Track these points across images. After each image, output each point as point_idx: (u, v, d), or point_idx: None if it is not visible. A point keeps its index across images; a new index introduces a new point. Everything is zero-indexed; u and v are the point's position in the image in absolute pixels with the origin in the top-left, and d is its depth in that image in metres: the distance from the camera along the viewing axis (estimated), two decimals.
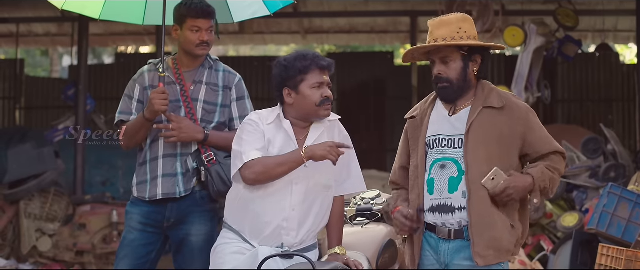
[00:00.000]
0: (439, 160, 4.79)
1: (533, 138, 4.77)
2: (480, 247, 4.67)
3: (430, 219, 4.80)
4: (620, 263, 6.86)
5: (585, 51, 16.33)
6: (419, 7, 14.12)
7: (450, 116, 4.83)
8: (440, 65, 4.81)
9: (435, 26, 4.82)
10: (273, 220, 4.79)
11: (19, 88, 17.28)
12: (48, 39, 17.19)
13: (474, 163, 4.69)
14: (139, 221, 5.60)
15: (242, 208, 4.86)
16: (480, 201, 4.68)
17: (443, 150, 4.79)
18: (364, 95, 16.62)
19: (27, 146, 11.62)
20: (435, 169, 4.79)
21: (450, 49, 4.78)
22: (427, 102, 4.98)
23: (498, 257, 4.69)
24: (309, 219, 4.85)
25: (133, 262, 5.58)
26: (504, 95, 4.84)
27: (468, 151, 4.71)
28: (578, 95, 16.14)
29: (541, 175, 4.72)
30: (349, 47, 21.10)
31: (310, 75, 4.82)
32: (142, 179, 5.62)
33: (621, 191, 8.17)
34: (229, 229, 4.92)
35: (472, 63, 4.81)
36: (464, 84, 4.80)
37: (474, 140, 4.72)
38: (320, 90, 4.83)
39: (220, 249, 4.91)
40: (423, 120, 4.90)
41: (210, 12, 5.58)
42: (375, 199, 5.51)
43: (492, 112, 4.76)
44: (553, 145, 4.82)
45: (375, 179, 12.19)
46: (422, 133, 4.87)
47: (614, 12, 13.86)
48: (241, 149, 4.81)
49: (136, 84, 5.67)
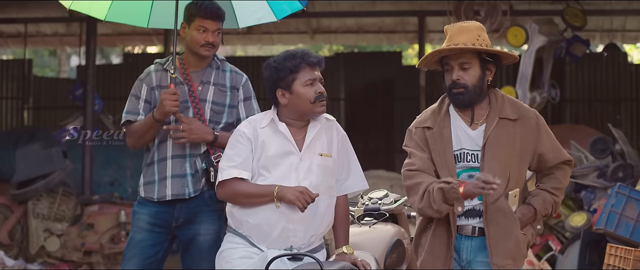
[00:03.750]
0: (466, 171, 4.82)
1: (544, 150, 4.84)
2: (498, 258, 4.73)
3: (459, 222, 4.84)
4: (628, 263, 6.86)
5: (593, 51, 16.30)
6: (426, 7, 14.10)
7: (472, 130, 4.84)
8: (459, 71, 4.81)
9: (454, 32, 4.81)
10: (279, 223, 4.79)
11: (27, 88, 17.29)
12: (56, 39, 17.20)
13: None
14: (147, 221, 5.60)
15: (247, 212, 4.84)
16: (496, 212, 4.73)
17: (469, 164, 4.82)
18: (371, 95, 16.60)
19: (35, 146, 11.63)
20: (464, 178, 4.79)
21: (471, 54, 4.79)
22: (441, 113, 4.92)
23: (515, 264, 4.77)
24: (315, 220, 4.85)
25: (140, 262, 5.58)
26: (516, 106, 4.88)
27: (485, 164, 4.74)
28: (586, 95, 16.11)
29: (542, 203, 4.86)
30: (356, 47, 21.09)
31: (301, 73, 4.82)
32: (150, 180, 5.62)
33: (629, 191, 8.15)
34: (234, 233, 4.91)
35: (488, 71, 4.83)
36: (480, 91, 4.82)
37: (490, 153, 4.76)
38: (314, 87, 4.83)
39: (227, 253, 4.90)
40: (443, 133, 4.86)
41: (220, 14, 5.58)
42: (383, 198, 5.51)
43: (508, 123, 4.79)
44: (562, 156, 4.90)
45: (383, 179, 12.17)
46: (448, 147, 4.83)
47: (622, 12, 13.82)
48: (222, 163, 4.91)
49: (143, 84, 5.66)
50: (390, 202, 5.48)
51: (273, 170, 4.83)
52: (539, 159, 4.85)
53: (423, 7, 14.20)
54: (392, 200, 5.50)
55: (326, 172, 4.92)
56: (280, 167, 4.84)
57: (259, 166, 4.85)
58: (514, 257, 4.75)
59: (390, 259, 5.15)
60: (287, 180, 4.80)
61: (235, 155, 4.85)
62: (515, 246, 4.74)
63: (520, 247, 4.77)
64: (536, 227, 4.88)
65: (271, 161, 4.84)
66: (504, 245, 4.73)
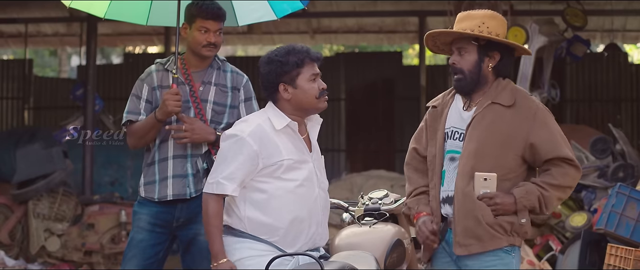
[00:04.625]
0: (450, 152, 4.86)
1: (536, 140, 4.74)
2: (459, 236, 4.74)
3: (442, 211, 4.88)
4: (628, 263, 6.86)
5: (593, 51, 16.31)
6: (427, 7, 14.10)
7: (464, 110, 4.87)
8: (456, 55, 4.87)
9: (460, 19, 4.88)
10: (311, 228, 4.73)
11: (28, 88, 17.29)
12: (56, 39, 17.21)
13: (465, 156, 4.76)
14: (148, 221, 5.60)
15: (274, 217, 4.67)
16: (462, 192, 4.73)
17: (454, 143, 4.86)
18: (372, 95, 16.61)
19: (36, 146, 11.62)
20: (446, 161, 4.87)
21: (466, 40, 4.82)
22: (449, 93, 5.01)
23: (481, 246, 4.73)
24: (327, 221, 4.87)
25: (141, 262, 5.59)
26: (518, 94, 4.85)
27: (464, 144, 4.78)
28: (586, 95, 16.11)
29: (525, 194, 4.71)
30: (357, 47, 21.10)
31: (305, 68, 4.72)
32: (151, 180, 5.62)
33: (630, 191, 8.14)
34: (256, 239, 4.68)
35: (487, 58, 4.83)
36: (478, 78, 4.83)
37: (470, 134, 4.77)
38: (317, 82, 4.76)
39: (254, 261, 4.64)
40: (443, 112, 4.95)
41: (221, 14, 5.58)
42: (383, 198, 5.50)
43: (499, 109, 4.78)
44: (558, 151, 4.75)
45: (384, 178, 12.17)
46: (441, 124, 4.92)
47: (623, 12, 13.82)
48: (221, 170, 4.62)
49: (144, 84, 5.67)
50: (391, 202, 5.47)
51: (296, 175, 4.70)
52: (531, 149, 4.73)
53: (423, 7, 14.20)
54: (393, 200, 5.48)
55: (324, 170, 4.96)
56: (301, 171, 4.73)
57: (280, 173, 4.68)
58: (477, 237, 4.69)
59: (391, 259, 5.14)
60: (310, 182, 4.75)
61: (237, 169, 4.62)
62: (475, 225, 4.69)
63: (484, 228, 4.68)
64: (520, 220, 4.72)
65: (291, 166, 4.69)
66: (461, 223, 4.72)
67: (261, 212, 4.67)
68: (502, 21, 4.87)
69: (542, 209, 4.73)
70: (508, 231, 4.74)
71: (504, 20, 4.89)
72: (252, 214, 4.68)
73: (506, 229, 4.74)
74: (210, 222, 4.66)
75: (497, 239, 4.73)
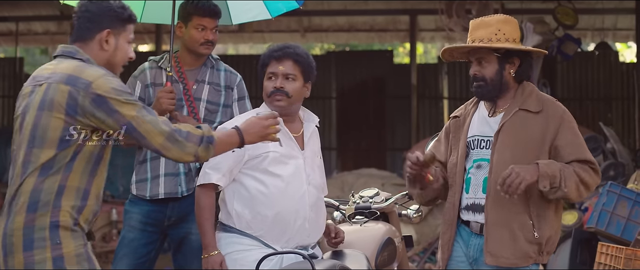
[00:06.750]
0: (477, 161, 4.84)
1: (560, 142, 4.73)
2: (492, 246, 4.70)
3: (465, 217, 4.86)
4: (619, 261, 6.87)
5: (584, 50, 16.32)
6: (418, 5, 14.11)
7: (490, 117, 4.87)
8: (476, 65, 4.85)
9: (474, 27, 4.85)
10: (297, 222, 4.72)
11: (19, 86, 17.00)
12: (47, 38, 17.17)
13: (498, 164, 4.71)
14: (139, 220, 5.60)
15: (257, 211, 4.70)
16: (497, 201, 4.70)
17: (481, 152, 4.84)
18: (363, 93, 16.60)
19: None
20: (474, 169, 4.84)
21: (486, 50, 4.80)
22: (472, 103, 5.01)
23: (514, 263, 4.71)
24: (320, 219, 4.87)
25: (132, 261, 5.58)
26: (544, 99, 4.84)
27: (495, 152, 4.75)
28: (577, 94, 16.11)
29: (548, 164, 4.65)
30: (348, 45, 21.10)
31: (268, 67, 4.81)
32: (143, 177, 5.62)
33: (620, 189, 8.16)
34: (242, 234, 4.73)
35: (508, 65, 4.82)
36: (500, 85, 4.82)
37: (502, 141, 4.75)
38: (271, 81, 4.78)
39: (240, 255, 4.71)
40: (465, 121, 4.94)
41: (217, 11, 5.59)
42: (374, 197, 5.51)
43: (527, 115, 4.77)
44: (580, 153, 4.75)
45: (375, 177, 12.18)
46: (463, 133, 4.90)
47: (614, 11, 13.86)
48: (208, 161, 4.59)
49: (137, 81, 5.67)
50: (382, 201, 5.48)
51: (282, 169, 4.73)
52: (554, 151, 4.73)
53: (414, 5, 14.22)
54: (383, 199, 5.50)
55: (322, 171, 4.98)
56: (287, 166, 4.75)
57: (266, 165, 4.72)
58: (511, 252, 4.67)
59: (381, 258, 5.15)
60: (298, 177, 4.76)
61: (225, 161, 4.65)
62: (510, 238, 4.66)
63: (520, 246, 4.67)
64: (540, 186, 4.61)
65: (277, 158, 4.73)
66: (496, 233, 4.68)
67: (246, 207, 4.71)
68: (515, 24, 4.88)
69: (561, 182, 4.62)
70: (540, 251, 4.74)
71: (516, 22, 4.90)
72: (239, 208, 4.72)
73: (541, 248, 4.73)
74: (201, 214, 4.73)
75: (529, 259, 4.72)
